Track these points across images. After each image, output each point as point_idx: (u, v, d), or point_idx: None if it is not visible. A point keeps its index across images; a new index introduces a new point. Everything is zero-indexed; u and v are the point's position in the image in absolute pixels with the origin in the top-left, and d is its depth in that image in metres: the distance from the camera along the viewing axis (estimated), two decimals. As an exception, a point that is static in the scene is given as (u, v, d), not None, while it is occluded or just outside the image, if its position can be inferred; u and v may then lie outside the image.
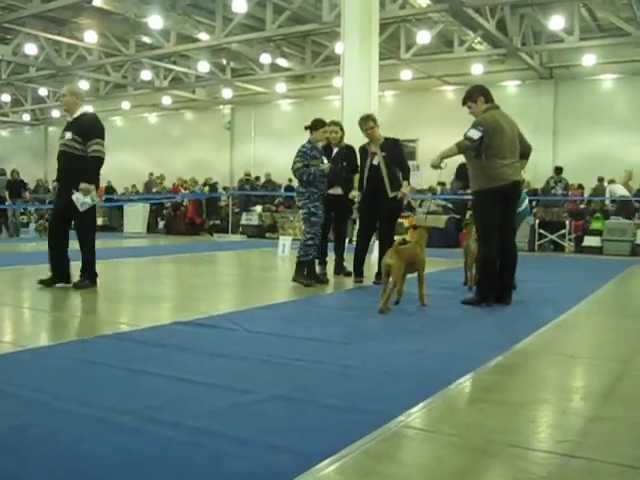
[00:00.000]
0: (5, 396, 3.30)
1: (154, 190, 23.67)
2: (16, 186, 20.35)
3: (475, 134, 6.23)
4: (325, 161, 8.03)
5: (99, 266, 7.54)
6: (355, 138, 8.64)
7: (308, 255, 8.00)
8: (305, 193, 7.97)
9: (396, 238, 6.82)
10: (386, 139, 8.06)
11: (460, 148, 6.35)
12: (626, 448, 2.76)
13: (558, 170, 16.96)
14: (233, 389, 3.44)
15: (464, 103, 6.67)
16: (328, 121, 8.59)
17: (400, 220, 10.63)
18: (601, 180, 18.75)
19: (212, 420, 2.95)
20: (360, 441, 2.70)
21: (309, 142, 8.03)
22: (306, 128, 8.14)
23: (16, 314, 6.27)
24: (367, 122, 8.00)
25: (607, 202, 17.11)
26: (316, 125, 8.07)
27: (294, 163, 7.92)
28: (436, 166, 6.51)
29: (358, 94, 15.18)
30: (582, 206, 17.51)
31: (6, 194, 19.64)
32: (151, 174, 24.93)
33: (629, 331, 5.60)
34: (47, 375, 3.73)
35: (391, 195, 7.92)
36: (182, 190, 22.90)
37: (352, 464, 2.51)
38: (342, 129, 9.02)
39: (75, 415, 3.01)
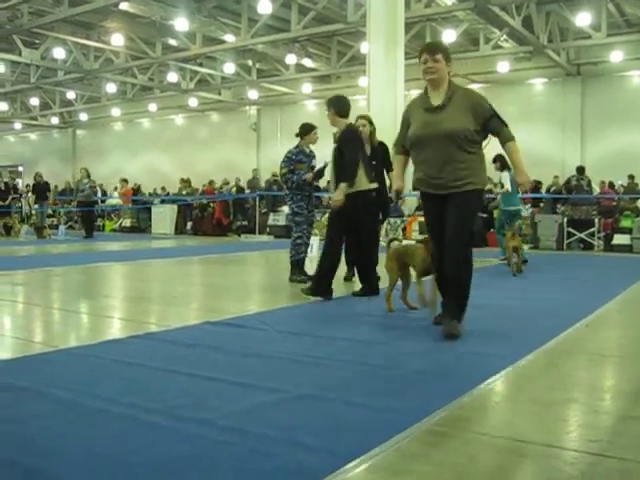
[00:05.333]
0: (37, 396, 3.34)
1: (184, 192, 23.73)
2: (41, 188, 20.58)
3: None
4: (329, 162, 7.94)
5: (128, 267, 7.60)
6: (381, 136, 8.53)
7: (300, 254, 8.31)
8: (289, 195, 8.38)
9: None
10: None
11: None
12: (659, 448, 2.72)
13: (580, 170, 16.47)
14: (262, 388, 3.46)
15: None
16: (356, 116, 8.46)
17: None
18: (632, 178, 18.49)
19: (242, 419, 2.97)
20: (391, 440, 2.70)
21: (296, 147, 8.31)
22: (296, 135, 8.41)
23: (47, 315, 6.36)
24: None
25: None
26: (305, 130, 8.32)
27: (280, 169, 8.34)
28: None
29: (384, 94, 15.18)
30: (613, 203, 17.29)
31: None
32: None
33: (661, 330, 5.54)
34: (78, 375, 3.77)
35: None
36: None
37: (383, 463, 2.51)
38: (371, 122, 8.18)
39: (106, 414, 3.05)
